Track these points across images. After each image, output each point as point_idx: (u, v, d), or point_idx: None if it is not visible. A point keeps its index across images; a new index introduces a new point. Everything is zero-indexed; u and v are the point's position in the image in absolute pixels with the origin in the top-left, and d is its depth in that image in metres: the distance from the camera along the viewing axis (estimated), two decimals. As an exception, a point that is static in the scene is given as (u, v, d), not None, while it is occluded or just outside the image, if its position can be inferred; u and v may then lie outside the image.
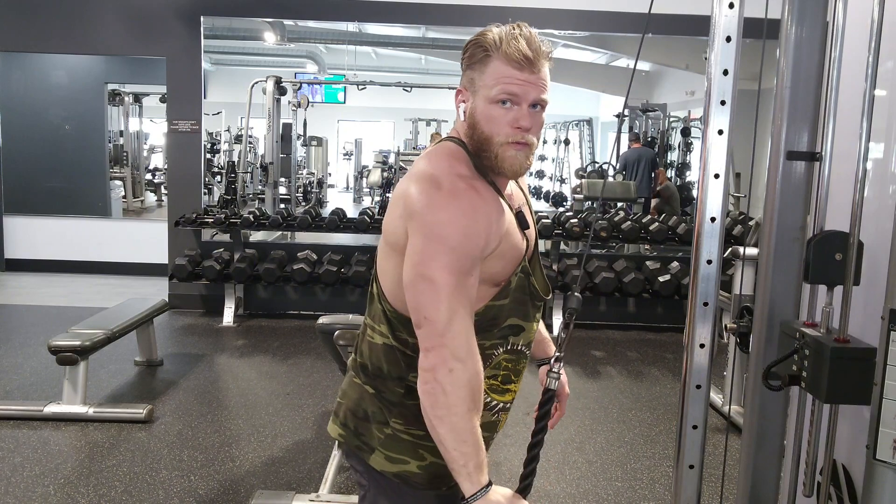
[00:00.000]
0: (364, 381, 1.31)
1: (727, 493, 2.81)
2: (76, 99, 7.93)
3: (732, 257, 3.92)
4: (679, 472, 1.54)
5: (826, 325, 1.35)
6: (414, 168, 1.23)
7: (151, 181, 11.21)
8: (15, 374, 4.07)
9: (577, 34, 6.52)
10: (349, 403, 1.33)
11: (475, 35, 1.22)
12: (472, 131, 1.21)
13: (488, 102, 1.19)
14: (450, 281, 1.10)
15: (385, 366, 1.27)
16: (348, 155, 14.27)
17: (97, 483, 2.86)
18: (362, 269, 5.29)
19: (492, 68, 1.18)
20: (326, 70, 11.41)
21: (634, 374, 4.54)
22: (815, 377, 1.31)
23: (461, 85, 1.25)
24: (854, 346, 1.28)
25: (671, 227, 5.49)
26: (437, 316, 1.10)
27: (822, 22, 1.44)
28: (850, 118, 1.43)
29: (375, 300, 1.29)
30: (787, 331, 1.42)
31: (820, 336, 1.32)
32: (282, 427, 3.48)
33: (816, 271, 1.37)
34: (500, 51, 1.18)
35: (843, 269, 1.33)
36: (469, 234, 1.12)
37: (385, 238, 1.24)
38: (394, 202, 1.21)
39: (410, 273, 1.13)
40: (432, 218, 1.12)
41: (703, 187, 1.47)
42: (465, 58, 1.23)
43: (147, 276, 6.48)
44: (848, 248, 1.31)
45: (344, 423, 1.33)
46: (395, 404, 1.26)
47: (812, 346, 1.32)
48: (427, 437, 1.18)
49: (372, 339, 1.29)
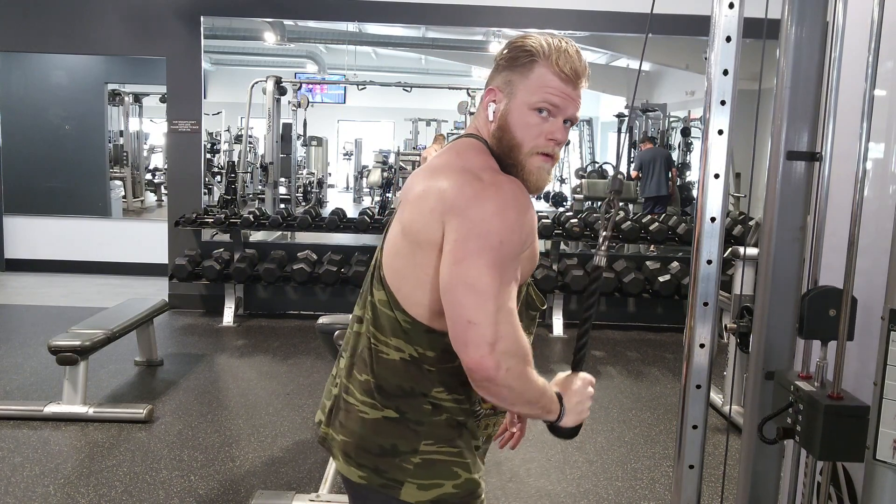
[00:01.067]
0: (382, 404, 1.18)
1: (727, 493, 2.81)
2: (76, 99, 7.93)
3: (732, 257, 3.92)
4: (679, 472, 1.54)
5: (820, 378, 1.36)
6: (439, 163, 1.17)
7: (151, 181, 11.21)
8: (15, 374, 4.07)
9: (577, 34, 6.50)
10: (358, 441, 1.20)
11: (518, 38, 1.18)
12: (502, 134, 1.17)
13: (526, 108, 1.15)
14: (496, 280, 1.04)
15: (406, 383, 1.17)
16: (348, 155, 14.27)
17: (97, 483, 2.86)
18: (362, 269, 5.29)
19: (537, 74, 1.14)
20: (326, 70, 11.41)
21: (634, 374, 4.54)
22: (808, 433, 1.32)
23: (494, 84, 1.19)
24: (848, 404, 1.29)
25: (671, 227, 5.49)
26: (483, 319, 1.02)
27: (822, 22, 1.44)
28: (850, 118, 1.44)
29: (381, 310, 1.18)
30: (782, 383, 1.43)
31: (814, 392, 1.33)
32: (282, 427, 3.48)
33: (811, 327, 1.38)
34: (550, 60, 1.14)
35: (837, 324, 1.33)
36: (514, 229, 1.06)
37: (408, 236, 1.13)
38: (421, 198, 1.12)
39: (452, 273, 1.05)
40: (478, 212, 1.05)
41: (703, 187, 1.47)
42: (504, 58, 1.18)
43: (147, 276, 6.48)
44: (842, 303, 1.32)
45: (360, 464, 1.19)
46: (422, 424, 1.17)
47: (806, 401, 1.33)
48: (460, 453, 1.17)
49: (385, 356, 1.18)
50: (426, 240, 1.10)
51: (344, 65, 10.78)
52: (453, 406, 1.18)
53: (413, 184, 1.18)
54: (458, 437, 1.19)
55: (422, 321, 1.14)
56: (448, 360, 1.15)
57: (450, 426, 1.18)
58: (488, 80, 1.22)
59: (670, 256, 5.79)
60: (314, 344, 4.83)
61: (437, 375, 1.16)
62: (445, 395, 1.17)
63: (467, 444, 1.20)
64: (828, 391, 1.31)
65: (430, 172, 1.16)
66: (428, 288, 1.11)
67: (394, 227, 1.19)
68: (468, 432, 1.21)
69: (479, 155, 1.16)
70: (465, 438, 1.20)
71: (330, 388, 1.32)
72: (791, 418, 1.37)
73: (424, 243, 1.10)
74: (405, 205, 1.16)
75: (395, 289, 1.15)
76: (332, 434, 1.25)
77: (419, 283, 1.12)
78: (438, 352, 1.15)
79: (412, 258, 1.12)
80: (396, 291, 1.15)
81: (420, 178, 1.17)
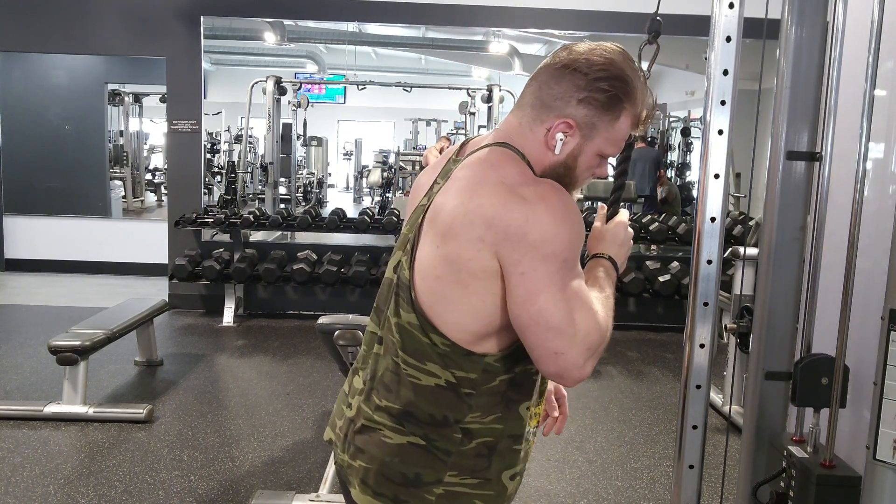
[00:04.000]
0: (410, 431, 1.12)
1: (727, 494, 2.81)
2: (76, 99, 7.93)
3: (732, 257, 3.91)
4: (679, 472, 1.54)
5: (813, 443, 1.37)
6: (474, 177, 1.09)
7: (151, 181, 11.21)
8: (15, 373, 4.07)
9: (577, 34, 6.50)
10: (379, 467, 1.13)
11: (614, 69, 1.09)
12: (564, 171, 1.12)
13: (595, 153, 1.12)
14: (568, 301, 1.02)
15: (439, 411, 1.11)
16: (348, 155, 14.26)
17: (97, 483, 2.86)
18: (362, 269, 5.29)
19: (621, 125, 1.11)
20: (326, 70, 11.40)
21: (635, 373, 4.54)
22: (801, 500, 1.33)
23: (573, 118, 1.10)
24: (840, 474, 1.30)
25: (671, 227, 5.49)
26: (568, 345, 1.01)
27: (822, 22, 1.44)
28: (850, 118, 1.44)
29: (411, 333, 1.11)
30: (775, 446, 1.44)
31: (806, 459, 1.34)
32: (282, 427, 3.48)
33: (803, 395, 1.40)
34: (636, 114, 1.12)
35: (830, 392, 1.35)
36: (572, 240, 1.04)
37: (454, 264, 1.05)
38: (466, 226, 1.04)
39: (528, 312, 1.02)
40: (535, 236, 1.01)
41: (703, 187, 1.47)
42: (598, 94, 1.08)
43: (147, 276, 6.48)
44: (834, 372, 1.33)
45: (379, 493, 1.13)
46: (450, 454, 1.12)
47: (799, 469, 1.34)
48: (481, 485, 1.13)
49: (417, 381, 1.11)
50: (480, 269, 1.04)
51: (344, 65, 10.77)
52: (487, 429, 1.13)
53: (445, 201, 1.09)
54: (485, 469, 1.14)
55: (462, 345, 1.08)
56: (489, 381, 1.11)
57: (479, 456, 1.13)
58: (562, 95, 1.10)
59: (670, 256, 5.79)
60: (314, 344, 4.83)
61: (476, 398, 1.11)
62: (480, 418, 1.12)
63: (494, 475, 1.15)
64: (820, 459, 1.33)
65: (464, 189, 1.07)
66: (480, 316, 1.06)
67: (426, 246, 1.09)
68: (498, 458, 1.15)
69: (515, 165, 1.10)
70: (494, 468, 1.15)
71: (342, 407, 1.26)
72: (784, 482, 1.38)
73: (479, 272, 1.04)
74: (443, 228, 1.07)
75: (434, 312, 1.08)
76: (347, 461, 1.18)
77: (470, 310, 1.06)
78: (479, 372, 1.10)
79: (461, 286, 1.06)
80: (435, 315, 1.08)
81: (453, 193, 1.08)
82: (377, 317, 1.20)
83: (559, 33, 6.54)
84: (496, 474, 1.15)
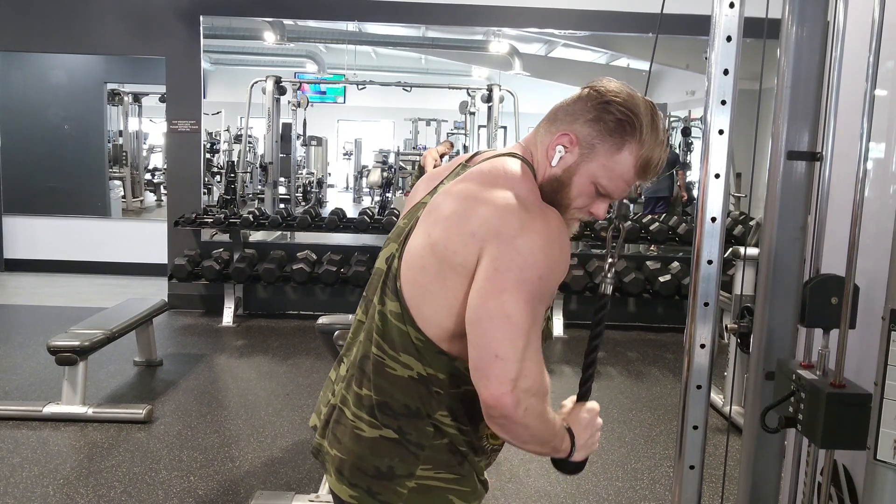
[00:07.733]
0: (382, 422, 1.13)
1: (727, 494, 2.81)
2: (76, 99, 7.93)
3: (733, 257, 3.91)
4: (679, 473, 1.53)
5: (822, 366, 1.35)
6: (483, 181, 1.09)
7: (151, 181, 11.20)
8: (14, 374, 4.07)
9: (577, 34, 6.51)
10: (354, 459, 1.14)
11: (631, 102, 1.09)
12: (558, 186, 1.11)
13: (591, 181, 1.10)
14: (529, 316, 1.00)
15: (413, 402, 1.12)
16: (348, 155, 14.26)
17: (97, 483, 2.85)
18: (362, 269, 5.28)
19: (622, 158, 1.09)
20: (326, 70, 11.40)
21: (635, 374, 4.53)
22: (810, 422, 1.31)
23: (574, 132, 1.10)
24: (850, 392, 1.28)
25: (671, 227, 5.49)
26: (512, 355, 0.99)
27: (822, 22, 1.43)
28: (850, 118, 1.43)
29: (392, 322, 1.11)
30: (784, 371, 1.42)
31: (816, 380, 1.32)
32: (281, 427, 3.47)
33: (813, 315, 1.37)
34: (640, 156, 1.09)
35: (839, 312, 1.33)
36: (555, 267, 1.03)
37: (439, 254, 1.06)
38: (462, 218, 1.05)
39: (488, 304, 1.00)
40: (523, 244, 1.00)
41: (703, 187, 1.46)
42: (607, 117, 1.08)
43: (146, 276, 6.48)
44: (844, 291, 1.31)
45: (353, 484, 1.14)
46: (422, 447, 1.12)
47: (808, 390, 1.32)
48: (457, 480, 1.14)
49: (394, 371, 1.12)
50: (461, 263, 1.04)
51: (344, 64, 10.77)
52: (456, 434, 1.14)
53: (449, 194, 1.11)
54: (458, 464, 1.15)
55: (435, 342, 1.09)
56: (456, 386, 1.12)
57: (451, 451, 1.15)
58: (574, 111, 1.11)
59: (671, 256, 5.79)
60: (314, 344, 4.83)
61: (445, 399, 1.12)
62: (449, 421, 1.14)
63: (468, 472, 1.17)
64: (830, 379, 1.31)
65: (472, 188, 1.09)
66: (454, 312, 1.06)
67: (418, 237, 1.10)
68: (468, 463, 1.17)
69: (526, 181, 1.10)
70: (467, 467, 1.17)
71: (327, 394, 1.28)
72: (793, 407, 1.36)
73: (459, 266, 1.04)
74: (438, 220, 1.08)
75: (413, 304, 1.09)
76: (326, 447, 1.21)
77: (445, 305, 1.06)
78: (447, 375, 1.11)
79: (441, 279, 1.06)
80: (414, 307, 1.09)
81: (459, 189, 1.10)
82: (363, 304, 1.23)
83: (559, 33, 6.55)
84: (469, 472, 1.17)
